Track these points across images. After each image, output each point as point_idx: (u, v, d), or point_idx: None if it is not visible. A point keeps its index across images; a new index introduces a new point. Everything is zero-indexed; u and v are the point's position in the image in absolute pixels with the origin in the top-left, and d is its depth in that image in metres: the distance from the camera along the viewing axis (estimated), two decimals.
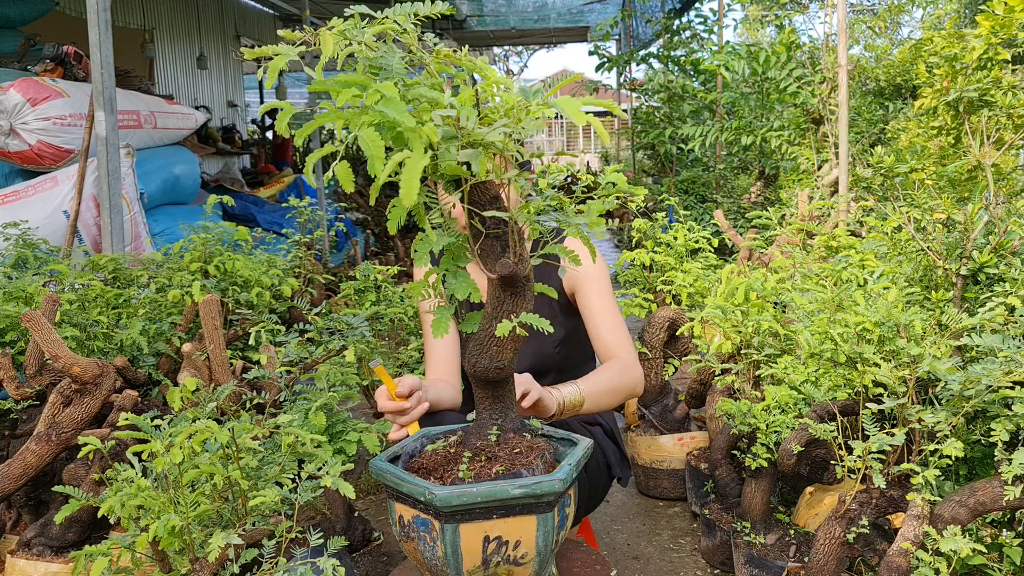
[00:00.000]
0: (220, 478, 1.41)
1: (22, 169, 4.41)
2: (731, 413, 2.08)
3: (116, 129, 3.61)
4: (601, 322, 1.88)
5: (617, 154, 14.63)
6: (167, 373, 2.53)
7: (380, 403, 1.63)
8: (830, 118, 4.22)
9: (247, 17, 10.83)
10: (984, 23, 2.99)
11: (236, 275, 2.84)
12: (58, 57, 4.92)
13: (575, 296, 1.94)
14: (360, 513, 2.20)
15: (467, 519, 1.25)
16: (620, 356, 1.85)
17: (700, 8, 11.02)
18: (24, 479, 1.90)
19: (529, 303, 1.27)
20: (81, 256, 3.51)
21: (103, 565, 1.32)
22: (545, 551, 1.31)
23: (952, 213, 2.23)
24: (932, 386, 1.54)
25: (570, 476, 1.31)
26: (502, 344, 1.28)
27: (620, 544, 2.51)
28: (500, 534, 1.27)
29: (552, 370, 1.96)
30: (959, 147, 3.26)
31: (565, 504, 1.36)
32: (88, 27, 3.52)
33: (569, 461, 1.35)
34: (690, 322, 2.60)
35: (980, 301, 1.90)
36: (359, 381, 2.25)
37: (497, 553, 1.28)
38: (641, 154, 10.28)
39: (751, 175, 7.61)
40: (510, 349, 1.30)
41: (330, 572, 1.32)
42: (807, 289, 2.08)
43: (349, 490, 1.44)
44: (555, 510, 1.30)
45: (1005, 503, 1.36)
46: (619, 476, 1.95)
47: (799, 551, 1.95)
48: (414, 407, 1.63)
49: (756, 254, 3.10)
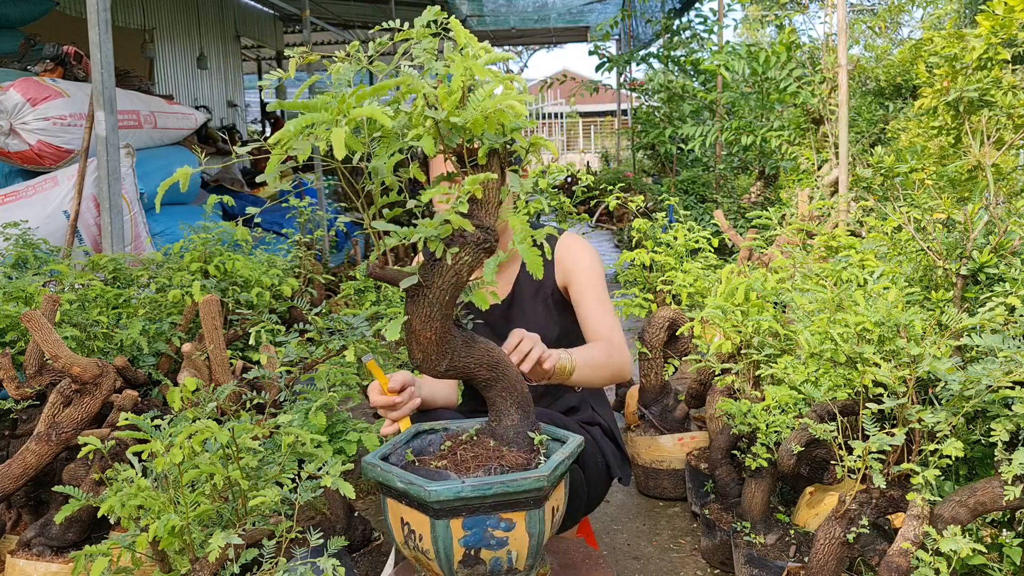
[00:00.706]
0: (220, 478, 1.41)
1: (22, 169, 4.41)
2: (731, 413, 2.08)
3: (116, 129, 3.61)
4: (590, 311, 1.89)
5: (617, 154, 14.64)
6: (167, 373, 2.53)
7: (372, 398, 1.64)
8: (830, 118, 4.22)
9: (247, 17, 10.83)
10: (984, 23, 2.99)
11: (236, 275, 2.85)
12: (58, 57, 4.93)
13: (568, 291, 1.94)
14: (360, 513, 2.20)
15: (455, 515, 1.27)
16: (611, 340, 1.85)
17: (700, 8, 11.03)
18: (24, 479, 1.90)
19: (423, 308, 1.24)
20: (81, 256, 3.51)
21: (103, 565, 1.32)
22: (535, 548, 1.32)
23: (952, 213, 2.23)
24: (932, 386, 1.54)
25: (554, 473, 1.31)
26: (424, 345, 1.28)
27: (620, 544, 2.51)
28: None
29: None
30: (959, 147, 3.26)
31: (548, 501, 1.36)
32: (88, 27, 3.52)
33: (554, 459, 1.34)
34: (690, 322, 2.60)
35: (980, 301, 1.90)
36: (359, 381, 2.25)
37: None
38: (641, 154, 10.28)
39: (751, 175, 7.61)
40: (433, 351, 1.28)
41: (330, 572, 1.32)
42: (807, 289, 2.08)
43: (349, 490, 1.44)
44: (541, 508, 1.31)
45: (1005, 503, 1.36)
46: (619, 476, 1.95)
47: (799, 551, 1.95)
48: (406, 402, 1.64)
49: (756, 254, 3.10)
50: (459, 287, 1.24)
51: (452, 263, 1.21)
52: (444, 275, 1.22)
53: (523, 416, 1.42)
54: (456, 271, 1.22)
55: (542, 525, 1.31)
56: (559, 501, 1.40)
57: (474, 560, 1.29)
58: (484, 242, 1.22)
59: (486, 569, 1.31)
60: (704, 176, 8.04)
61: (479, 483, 1.25)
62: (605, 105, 23.06)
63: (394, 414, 1.64)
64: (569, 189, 8.74)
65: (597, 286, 1.91)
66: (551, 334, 1.92)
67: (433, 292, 1.23)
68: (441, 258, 1.21)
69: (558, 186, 4.54)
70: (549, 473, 1.27)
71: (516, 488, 1.25)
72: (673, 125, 7.61)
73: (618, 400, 3.55)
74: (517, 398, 1.41)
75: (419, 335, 1.27)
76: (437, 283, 1.23)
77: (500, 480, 1.26)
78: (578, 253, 1.95)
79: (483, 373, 1.37)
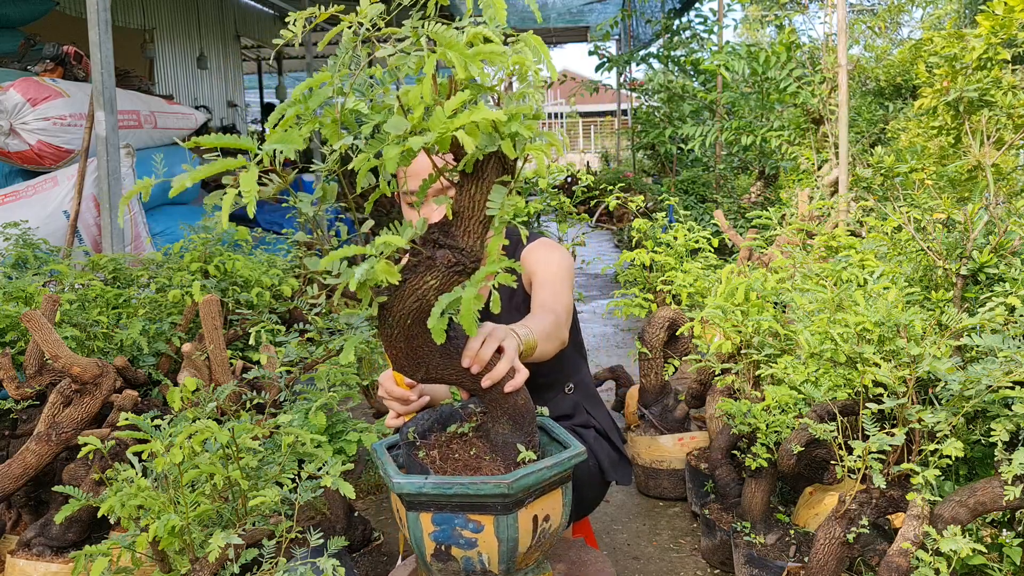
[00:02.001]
0: (220, 478, 1.41)
1: (22, 169, 4.41)
2: (731, 413, 2.08)
3: (116, 129, 3.61)
4: (540, 288, 1.82)
5: (617, 154, 14.64)
6: (167, 373, 2.53)
7: (387, 386, 1.61)
8: (830, 118, 4.22)
9: (247, 17, 10.83)
10: (984, 23, 2.99)
11: (236, 275, 2.85)
12: (58, 57, 4.93)
13: (532, 285, 1.89)
14: (360, 513, 2.20)
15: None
16: (553, 309, 1.77)
17: (700, 8, 11.03)
18: (24, 479, 1.90)
19: (386, 328, 1.18)
20: (81, 256, 3.51)
21: (103, 565, 1.32)
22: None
23: (952, 213, 2.23)
24: (932, 386, 1.54)
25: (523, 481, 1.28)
26: (396, 357, 1.24)
27: (620, 544, 2.51)
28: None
29: (533, 373, 1.92)
30: (959, 147, 3.26)
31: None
32: (88, 27, 3.52)
33: (529, 468, 1.31)
34: (690, 322, 2.60)
35: (980, 301, 1.90)
36: (359, 381, 2.25)
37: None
38: (641, 154, 10.29)
39: (751, 175, 7.61)
40: (404, 363, 1.25)
41: (330, 572, 1.32)
42: (807, 289, 2.08)
43: (349, 490, 1.45)
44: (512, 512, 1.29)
45: (1005, 503, 1.36)
46: (614, 479, 1.92)
47: (799, 551, 1.95)
48: (416, 399, 1.64)
49: (756, 254, 3.10)
50: (424, 311, 1.14)
51: (414, 288, 1.12)
52: (405, 300, 1.13)
53: (514, 427, 1.36)
54: (419, 296, 1.12)
55: (514, 532, 1.29)
56: (550, 511, 1.36)
57: (446, 556, 1.31)
58: (456, 265, 1.11)
59: (459, 567, 1.32)
60: (704, 176, 8.04)
61: (440, 482, 1.26)
62: (605, 105, 23.06)
63: (404, 409, 1.63)
64: (569, 189, 8.74)
65: (552, 272, 1.85)
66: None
67: (394, 316, 1.15)
68: (402, 283, 1.11)
69: (558, 186, 4.54)
70: (512, 482, 1.25)
71: (476, 491, 1.25)
72: (673, 125, 7.61)
73: (618, 400, 3.55)
74: (507, 409, 1.35)
75: (389, 348, 1.22)
76: (397, 307, 1.14)
77: (460, 481, 1.26)
78: (540, 255, 1.90)
79: (466, 384, 1.32)
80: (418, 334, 1.18)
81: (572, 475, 1.45)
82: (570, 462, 1.36)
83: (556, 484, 1.36)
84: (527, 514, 1.31)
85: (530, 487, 1.29)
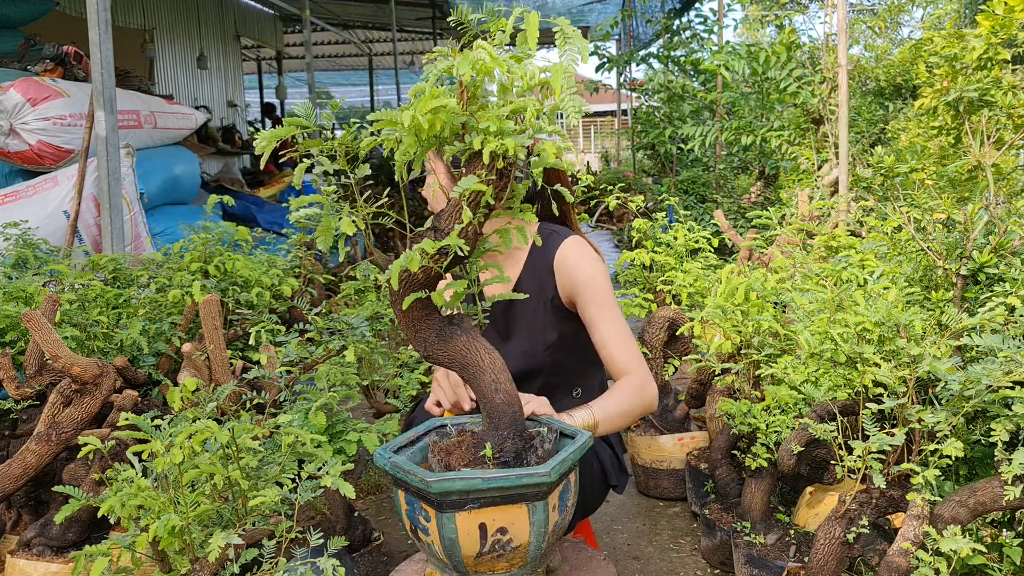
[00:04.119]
0: (220, 478, 1.41)
1: (22, 169, 4.41)
2: (731, 413, 2.08)
3: (116, 129, 3.61)
4: (605, 335, 1.80)
5: (617, 154, 14.63)
6: (167, 373, 2.53)
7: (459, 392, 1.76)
8: (830, 118, 4.22)
9: (247, 17, 10.83)
10: (984, 23, 2.99)
11: (236, 275, 2.85)
12: (58, 57, 4.93)
13: (573, 303, 1.88)
14: (360, 513, 2.20)
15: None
16: (634, 373, 1.77)
17: (700, 8, 11.04)
18: (24, 479, 1.90)
19: (391, 299, 1.38)
20: (81, 256, 3.51)
21: (103, 565, 1.32)
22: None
23: (952, 213, 2.23)
24: (932, 386, 1.54)
25: (557, 471, 1.35)
26: (403, 329, 1.41)
27: (620, 544, 2.51)
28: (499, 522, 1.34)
29: (543, 372, 1.91)
30: (959, 147, 3.26)
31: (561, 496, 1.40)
32: (88, 27, 3.52)
33: (559, 457, 1.39)
34: (690, 322, 2.60)
35: (980, 301, 1.90)
36: (359, 381, 2.25)
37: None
38: (641, 154, 10.29)
39: (751, 175, 7.61)
40: (410, 336, 1.41)
41: (330, 572, 1.32)
42: (807, 289, 2.08)
43: (349, 490, 1.45)
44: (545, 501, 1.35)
45: (1005, 503, 1.37)
46: (614, 484, 1.93)
47: (799, 551, 1.95)
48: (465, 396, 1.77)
49: (756, 254, 3.10)
50: (413, 284, 1.33)
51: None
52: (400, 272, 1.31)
53: (491, 425, 1.41)
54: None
55: (451, 532, 1.33)
56: (510, 525, 1.35)
57: (415, 534, 1.42)
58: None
59: (427, 548, 1.42)
60: (704, 176, 8.04)
61: (398, 463, 1.39)
62: (605, 105, 23.04)
63: (452, 398, 1.75)
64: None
65: (603, 302, 1.82)
66: (548, 338, 1.89)
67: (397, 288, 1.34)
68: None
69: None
70: (434, 480, 1.30)
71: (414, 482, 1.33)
72: (673, 125, 7.61)
73: None
74: (486, 405, 1.41)
75: (397, 320, 1.40)
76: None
77: (402, 468, 1.37)
78: (578, 263, 1.86)
79: (456, 369, 1.42)
80: (410, 312, 1.37)
81: (576, 475, 1.48)
82: (582, 450, 1.45)
83: (517, 498, 1.37)
84: (473, 520, 1.35)
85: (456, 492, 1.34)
